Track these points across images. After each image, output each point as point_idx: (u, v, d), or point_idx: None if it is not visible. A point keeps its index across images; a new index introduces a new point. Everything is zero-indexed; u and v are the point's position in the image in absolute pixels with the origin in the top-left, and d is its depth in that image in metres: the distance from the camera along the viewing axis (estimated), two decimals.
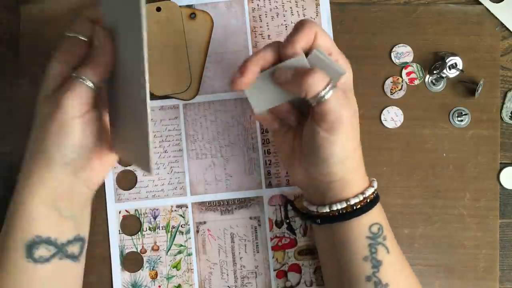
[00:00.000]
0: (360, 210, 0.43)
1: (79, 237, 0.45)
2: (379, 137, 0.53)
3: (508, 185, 0.53)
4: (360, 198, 0.43)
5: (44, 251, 0.42)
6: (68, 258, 0.44)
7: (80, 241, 0.45)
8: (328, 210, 0.44)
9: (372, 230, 0.44)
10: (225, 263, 0.53)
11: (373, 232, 0.44)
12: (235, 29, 0.53)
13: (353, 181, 0.44)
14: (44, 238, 0.42)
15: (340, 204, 0.43)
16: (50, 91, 0.42)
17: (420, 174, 0.53)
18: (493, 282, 0.52)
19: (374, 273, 0.43)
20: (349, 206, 0.43)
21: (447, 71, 0.51)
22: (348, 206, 0.43)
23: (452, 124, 0.53)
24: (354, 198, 0.43)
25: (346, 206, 0.43)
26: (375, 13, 0.53)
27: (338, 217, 0.44)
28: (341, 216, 0.44)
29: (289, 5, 0.53)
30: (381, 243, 0.44)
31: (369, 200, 0.44)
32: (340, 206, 0.43)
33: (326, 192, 0.44)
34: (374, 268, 0.43)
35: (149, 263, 0.53)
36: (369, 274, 0.43)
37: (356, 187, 0.44)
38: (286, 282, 0.53)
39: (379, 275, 0.43)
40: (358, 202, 0.43)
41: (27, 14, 0.54)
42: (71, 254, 0.44)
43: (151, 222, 0.53)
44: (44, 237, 0.42)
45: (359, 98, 0.53)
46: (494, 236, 0.52)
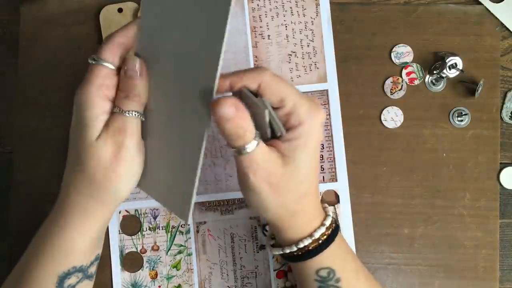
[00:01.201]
0: (300, 257, 0.41)
1: (98, 256, 0.45)
2: (379, 137, 0.53)
3: (508, 185, 0.53)
4: (293, 249, 0.41)
5: (73, 279, 0.43)
6: (87, 278, 0.44)
7: (98, 259, 0.45)
8: (271, 252, 0.43)
9: (320, 274, 0.41)
10: (225, 263, 0.53)
11: (321, 276, 0.41)
12: (235, 29, 0.53)
13: (285, 232, 0.41)
14: (77, 267, 0.42)
15: (276, 250, 0.43)
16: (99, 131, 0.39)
17: (420, 174, 0.53)
18: (493, 282, 0.52)
19: None
20: (286, 254, 0.42)
21: (447, 71, 0.51)
22: (284, 253, 0.42)
23: (452, 124, 0.53)
24: (289, 247, 0.41)
25: (282, 253, 0.42)
26: (375, 13, 0.53)
27: (284, 257, 0.43)
28: (285, 257, 0.43)
29: (289, 5, 0.53)
30: (332, 285, 0.42)
31: (310, 247, 0.41)
32: (276, 252, 0.43)
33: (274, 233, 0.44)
34: None
35: (149, 263, 0.53)
36: None
37: (290, 237, 0.41)
38: (286, 282, 0.53)
39: None
40: (293, 251, 0.41)
41: (27, 14, 0.54)
42: (90, 274, 0.44)
43: (151, 222, 0.53)
44: (78, 266, 0.42)
45: (359, 98, 0.53)
46: (494, 236, 0.52)
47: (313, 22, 0.53)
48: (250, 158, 0.37)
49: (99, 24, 0.53)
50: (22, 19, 0.54)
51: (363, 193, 0.53)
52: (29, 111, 0.53)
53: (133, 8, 0.53)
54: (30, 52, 0.54)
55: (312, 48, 0.53)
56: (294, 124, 0.38)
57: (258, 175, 0.37)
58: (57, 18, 0.54)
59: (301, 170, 0.38)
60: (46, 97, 0.54)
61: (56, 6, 0.54)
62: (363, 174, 0.53)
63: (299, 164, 0.38)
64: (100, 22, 0.53)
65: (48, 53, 0.54)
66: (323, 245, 0.41)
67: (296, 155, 0.38)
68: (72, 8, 0.54)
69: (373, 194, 0.53)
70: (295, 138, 0.38)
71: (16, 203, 0.53)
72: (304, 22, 0.53)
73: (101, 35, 0.53)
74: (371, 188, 0.53)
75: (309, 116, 0.38)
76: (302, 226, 0.41)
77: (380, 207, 0.52)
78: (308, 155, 0.38)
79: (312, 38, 0.53)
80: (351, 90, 0.53)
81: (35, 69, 0.54)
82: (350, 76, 0.53)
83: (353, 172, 0.53)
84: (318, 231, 0.41)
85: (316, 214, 0.42)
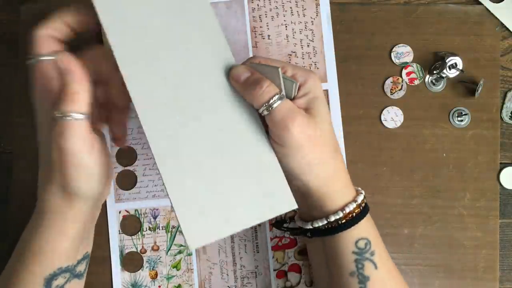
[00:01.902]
0: (343, 226, 0.42)
1: (86, 254, 0.45)
2: (379, 137, 0.53)
3: (508, 185, 0.53)
4: (339, 215, 0.42)
5: (61, 280, 0.43)
6: (76, 277, 0.44)
7: (87, 258, 0.45)
8: (311, 226, 0.43)
9: (358, 245, 0.42)
10: (225, 263, 0.53)
11: (359, 248, 0.42)
12: (235, 29, 0.53)
13: (330, 196, 0.42)
14: (63, 268, 0.42)
15: (320, 221, 0.43)
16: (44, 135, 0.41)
17: (420, 174, 0.53)
18: (493, 282, 0.52)
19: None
20: (330, 223, 0.42)
21: (447, 71, 0.51)
22: (329, 222, 0.42)
23: (452, 124, 0.53)
24: (334, 215, 0.42)
25: (326, 222, 0.42)
26: (375, 13, 0.53)
27: (322, 232, 0.43)
28: (324, 231, 0.43)
29: (289, 5, 0.53)
30: (368, 259, 0.42)
31: (353, 214, 0.42)
32: (321, 223, 0.43)
33: (309, 207, 0.44)
34: (361, 283, 0.42)
35: (149, 263, 0.53)
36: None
37: (335, 203, 0.42)
38: (286, 282, 0.53)
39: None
40: (339, 218, 0.42)
41: (27, 14, 0.54)
42: (79, 273, 0.44)
43: (151, 222, 0.53)
44: (64, 267, 0.42)
45: (359, 98, 0.53)
46: (494, 236, 0.52)
47: (313, 22, 0.53)
48: (281, 111, 0.39)
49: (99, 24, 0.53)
50: (22, 19, 0.54)
51: None
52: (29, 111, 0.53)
53: None
54: None
55: (312, 48, 0.53)
56: (301, 81, 0.42)
57: (296, 127, 0.39)
58: None
59: (326, 123, 0.41)
60: None
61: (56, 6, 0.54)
62: (363, 174, 0.53)
63: (321, 115, 0.41)
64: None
65: None
66: (363, 213, 0.43)
67: (316, 107, 0.41)
68: None
69: (373, 194, 0.53)
70: (308, 92, 0.41)
71: (16, 203, 0.53)
72: (304, 22, 0.53)
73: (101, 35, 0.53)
74: (371, 188, 0.53)
75: (308, 74, 0.42)
76: (344, 190, 0.43)
77: (380, 207, 0.52)
78: (325, 108, 0.42)
79: (312, 38, 0.53)
80: (351, 90, 0.53)
81: None
82: (350, 76, 0.53)
83: (353, 172, 0.52)
84: (358, 197, 0.43)
85: (349, 181, 0.44)
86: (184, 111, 0.39)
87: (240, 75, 0.40)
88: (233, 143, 0.40)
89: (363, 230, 0.43)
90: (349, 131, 0.53)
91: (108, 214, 0.53)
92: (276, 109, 0.39)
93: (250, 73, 0.40)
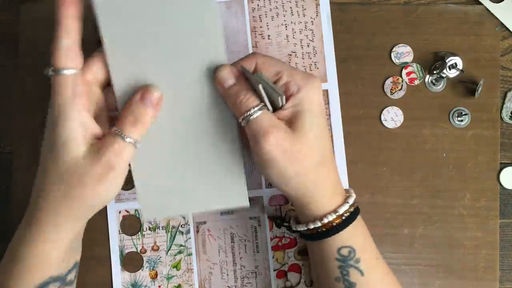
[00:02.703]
0: (323, 234, 0.42)
1: (77, 263, 0.45)
2: (379, 137, 0.53)
3: (508, 185, 0.53)
4: (318, 224, 0.41)
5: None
6: (67, 285, 0.44)
7: (77, 267, 0.45)
8: (295, 229, 0.44)
9: (341, 253, 0.42)
10: (225, 263, 0.53)
11: (342, 255, 0.42)
12: (235, 29, 0.53)
13: (308, 206, 0.42)
14: (55, 277, 0.42)
15: (301, 226, 0.43)
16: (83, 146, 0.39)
17: (420, 174, 0.53)
18: (493, 282, 0.52)
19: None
20: (310, 230, 0.42)
21: (447, 71, 0.51)
22: (308, 229, 0.42)
23: (452, 124, 0.53)
24: (314, 223, 0.42)
25: (306, 229, 0.42)
26: (375, 13, 0.53)
27: (306, 236, 0.43)
28: (308, 236, 0.43)
29: (289, 5, 0.53)
30: (353, 266, 0.42)
31: (333, 224, 0.41)
32: (301, 228, 0.43)
33: (297, 211, 0.44)
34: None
35: (149, 263, 0.53)
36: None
37: (314, 212, 0.42)
38: (286, 282, 0.53)
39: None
40: (318, 227, 0.42)
41: (27, 14, 0.54)
42: (69, 281, 0.44)
43: (151, 222, 0.53)
44: (55, 276, 0.42)
45: (359, 98, 0.53)
46: (494, 236, 0.52)
47: (313, 22, 0.53)
48: (257, 124, 0.39)
49: None
50: (22, 19, 0.54)
51: (363, 193, 0.53)
52: (29, 111, 0.53)
53: None
54: (30, 52, 0.54)
55: (312, 48, 0.53)
56: (293, 90, 0.40)
57: (269, 141, 0.38)
58: None
59: (310, 136, 0.40)
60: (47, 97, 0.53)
61: None
62: (363, 174, 0.53)
63: (307, 130, 0.40)
64: None
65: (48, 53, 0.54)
66: (346, 222, 0.42)
67: (302, 120, 0.40)
68: None
69: (373, 194, 0.53)
70: (297, 104, 0.40)
71: (16, 203, 0.53)
72: (304, 22, 0.53)
73: None
74: (371, 188, 0.53)
75: (306, 81, 0.40)
76: (325, 200, 0.42)
77: (380, 207, 0.52)
78: (313, 120, 0.40)
79: (312, 38, 0.53)
80: (351, 90, 0.53)
81: (35, 69, 0.54)
82: (350, 76, 0.53)
83: (353, 172, 0.53)
84: (342, 207, 0.42)
85: (338, 190, 0.43)
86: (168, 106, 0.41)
87: (224, 80, 0.40)
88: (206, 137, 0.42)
89: (346, 239, 0.42)
90: (349, 131, 0.53)
91: (108, 214, 0.53)
92: (252, 121, 0.39)
93: (235, 80, 0.40)
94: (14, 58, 0.54)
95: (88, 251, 0.52)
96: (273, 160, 0.39)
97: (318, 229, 0.42)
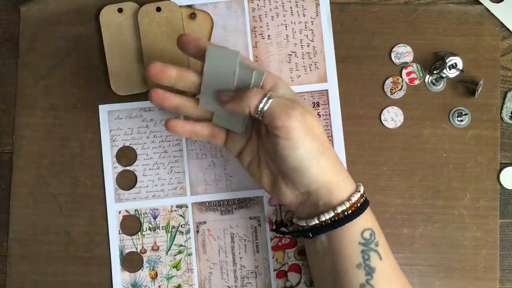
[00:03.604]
0: (349, 217, 0.43)
1: None
2: (379, 137, 0.53)
3: (508, 185, 0.53)
4: (347, 205, 0.42)
5: None
6: None
7: None
8: (318, 221, 0.43)
9: (364, 236, 0.43)
10: (225, 263, 0.53)
11: (365, 238, 0.43)
12: (235, 29, 0.53)
13: (336, 187, 0.43)
14: None
15: (327, 213, 0.43)
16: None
17: (420, 174, 0.53)
18: (493, 282, 0.52)
19: (367, 280, 0.42)
20: (337, 214, 0.43)
21: (447, 71, 0.51)
22: (336, 214, 0.43)
23: (452, 124, 0.53)
24: (341, 206, 0.42)
25: (334, 214, 0.43)
26: (375, 13, 0.53)
27: (328, 226, 0.43)
28: (330, 225, 0.43)
29: (289, 5, 0.53)
30: (373, 250, 0.43)
31: (358, 205, 0.43)
32: (328, 215, 0.43)
33: (316, 203, 0.44)
34: (367, 275, 0.42)
35: (149, 263, 0.53)
36: (363, 282, 0.42)
37: (341, 193, 0.43)
38: (286, 282, 0.53)
39: (372, 282, 0.42)
40: (346, 209, 0.42)
41: (27, 14, 0.54)
42: None
43: (151, 222, 0.53)
44: None
45: (359, 98, 0.53)
46: (494, 236, 0.52)
47: (313, 22, 0.53)
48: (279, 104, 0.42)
49: (99, 24, 0.53)
50: (22, 19, 0.54)
51: None
52: (29, 111, 0.53)
53: (133, 8, 0.52)
54: (30, 52, 0.54)
55: (312, 48, 0.53)
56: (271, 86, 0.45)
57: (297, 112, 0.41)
58: (57, 18, 0.54)
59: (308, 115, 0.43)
60: (46, 97, 0.54)
61: (56, 6, 0.54)
62: (363, 174, 0.53)
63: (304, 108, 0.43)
64: (100, 22, 0.53)
65: (48, 53, 0.54)
66: (366, 204, 0.44)
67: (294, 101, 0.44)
68: (72, 8, 0.54)
69: (373, 194, 0.53)
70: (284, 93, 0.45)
71: (16, 203, 0.53)
72: (304, 22, 0.53)
73: (101, 35, 0.53)
74: (371, 188, 0.53)
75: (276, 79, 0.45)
76: (346, 181, 0.44)
77: (380, 207, 0.52)
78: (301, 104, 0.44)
79: (312, 38, 0.53)
80: (351, 90, 0.53)
81: (35, 69, 0.54)
82: (350, 76, 0.53)
83: (353, 172, 0.52)
84: (355, 195, 0.43)
85: (347, 171, 0.45)
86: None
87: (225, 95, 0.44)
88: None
89: (367, 221, 0.44)
90: (349, 131, 0.53)
91: (108, 214, 0.53)
92: (271, 105, 0.41)
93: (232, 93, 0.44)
94: (14, 58, 0.54)
95: (88, 251, 0.52)
96: (306, 132, 0.41)
97: (345, 211, 0.42)
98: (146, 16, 0.52)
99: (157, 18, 0.52)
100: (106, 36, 0.53)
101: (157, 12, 0.52)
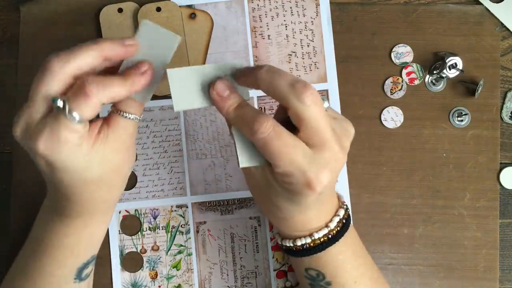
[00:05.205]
0: (294, 252, 0.42)
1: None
2: (379, 137, 0.53)
3: (508, 185, 0.53)
4: (290, 244, 0.41)
5: (90, 268, 0.44)
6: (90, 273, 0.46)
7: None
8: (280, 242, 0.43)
9: (309, 273, 0.42)
10: (225, 263, 0.53)
11: (310, 275, 0.42)
12: (235, 29, 0.53)
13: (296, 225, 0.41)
14: (95, 255, 0.44)
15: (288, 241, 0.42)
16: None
17: (420, 174, 0.53)
18: (493, 282, 0.52)
19: None
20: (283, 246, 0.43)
21: (447, 71, 0.51)
22: (282, 245, 0.43)
23: (452, 124, 0.53)
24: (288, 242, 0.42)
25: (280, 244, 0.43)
26: (375, 13, 0.53)
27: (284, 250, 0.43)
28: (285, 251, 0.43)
29: (289, 5, 0.53)
30: (323, 286, 0.42)
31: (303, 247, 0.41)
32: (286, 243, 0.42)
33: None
34: None
35: (149, 263, 0.53)
36: None
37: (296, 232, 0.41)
38: (286, 282, 0.53)
39: None
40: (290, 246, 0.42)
41: (27, 14, 0.54)
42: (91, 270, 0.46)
43: (151, 222, 0.53)
44: (95, 254, 0.44)
45: (359, 98, 0.53)
46: (494, 236, 0.52)
47: (313, 22, 0.53)
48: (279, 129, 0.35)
49: (99, 24, 0.53)
50: (22, 19, 0.54)
51: (363, 193, 0.53)
52: None
53: (133, 8, 0.52)
54: (30, 52, 0.54)
55: (312, 48, 0.53)
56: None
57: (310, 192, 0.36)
58: (57, 18, 0.54)
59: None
60: None
61: (56, 6, 0.54)
62: (363, 174, 0.53)
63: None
64: (100, 22, 0.53)
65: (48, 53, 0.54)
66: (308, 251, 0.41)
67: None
68: (72, 8, 0.54)
69: (373, 194, 0.53)
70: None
71: (16, 203, 0.53)
72: (304, 22, 0.53)
73: (101, 35, 0.53)
74: (371, 188, 0.53)
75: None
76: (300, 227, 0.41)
77: (380, 207, 0.52)
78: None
79: (312, 38, 0.53)
80: (351, 90, 0.53)
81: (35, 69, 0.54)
82: (350, 76, 0.53)
83: (353, 172, 0.53)
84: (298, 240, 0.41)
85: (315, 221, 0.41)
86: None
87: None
88: None
89: (315, 263, 0.42)
90: None
91: None
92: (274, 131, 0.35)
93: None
94: (14, 58, 0.54)
95: None
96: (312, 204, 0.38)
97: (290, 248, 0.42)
98: (146, 16, 0.52)
99: (157, 18, 0.52)
100: (106, 36, 0.53)
101: (157, 12, 0.52)
